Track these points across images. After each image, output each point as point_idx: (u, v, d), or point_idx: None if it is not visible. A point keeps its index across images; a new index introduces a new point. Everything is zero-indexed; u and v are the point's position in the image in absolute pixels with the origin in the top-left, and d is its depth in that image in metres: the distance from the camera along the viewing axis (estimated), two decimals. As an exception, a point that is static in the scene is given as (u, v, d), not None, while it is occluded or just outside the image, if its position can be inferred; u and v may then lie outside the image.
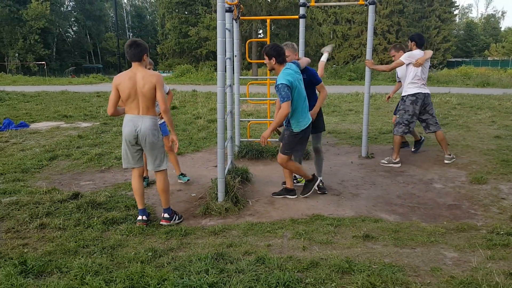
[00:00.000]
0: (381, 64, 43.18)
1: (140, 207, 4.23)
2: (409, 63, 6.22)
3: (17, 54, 49.30)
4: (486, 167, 6.06)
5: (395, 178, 5.81)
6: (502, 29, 78.07)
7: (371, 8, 6.22)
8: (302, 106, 4.64)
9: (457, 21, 75.17)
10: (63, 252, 3.47)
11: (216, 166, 5.15)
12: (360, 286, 2.81)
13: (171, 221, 4.23)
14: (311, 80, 4.97)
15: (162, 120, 5.18)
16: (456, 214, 4.53)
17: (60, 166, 6.43)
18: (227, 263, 3.17)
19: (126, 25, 72.78)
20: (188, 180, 5.70)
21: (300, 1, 6.40)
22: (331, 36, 53.90)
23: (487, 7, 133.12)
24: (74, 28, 64.79)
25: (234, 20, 6.21)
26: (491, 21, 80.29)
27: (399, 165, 6.32)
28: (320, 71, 5.61)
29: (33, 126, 9.73)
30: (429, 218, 4.44)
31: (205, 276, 2.86)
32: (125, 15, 72.37)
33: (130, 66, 4.11)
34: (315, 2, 6.56)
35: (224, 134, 4.76)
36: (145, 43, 4.12)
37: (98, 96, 15.77)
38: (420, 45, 6.32)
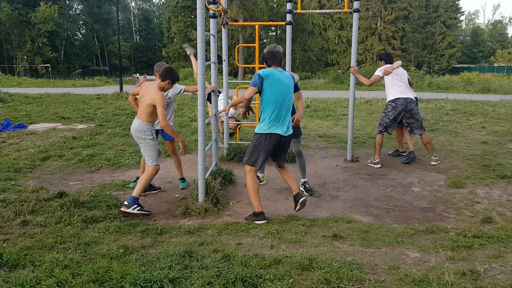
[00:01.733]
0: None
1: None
2: (383, 75, 6.67)
3: (25, 57, 49.88)
4: (466, 172, 6.15)
5: (376, 181, 5.93)
6: (509, 35, 77.89)
7: (355, 15, 6.36)
8: (275, 110, 4.33)
9: (463, 27, 75.01)
10: (40, 247, 3.62)
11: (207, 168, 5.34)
12: (315, 282, 2.94)
13: (128, 209, 4.50)
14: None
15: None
16: (428, 216, 4.65)
17: (52, 167, 6.60)
18: (193, 260, 3.30)
19: (133, 28, 73.38)
20: (183, 188, 5.65)
21: (287, 8, 6.55)
22: (336, 41, 54.05)
23: (494, 13, 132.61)
24: (82, 31, 65.45)
25: (222, 26, 6.37)
26: (498, 27, 79.97)
27: (379, 165, 6.52)
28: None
29: (31, 127, 9.95)
30: (402, 220, 4.56)
31: (167, 272, 3.00)
32: (132, 18, 73.01)
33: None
34: (302, 9, 6.71)
35: (206, 136, 4.91)
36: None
37: (98, 98, 16.04)
38: (389, 63, 6.78)
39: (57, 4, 50.40)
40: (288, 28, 6.57)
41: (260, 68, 6.83)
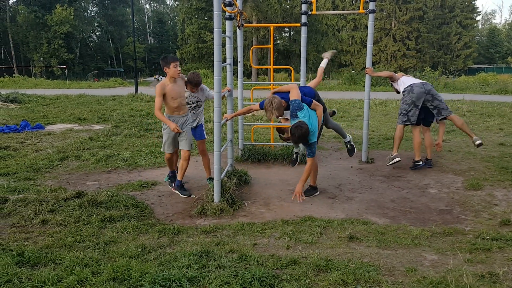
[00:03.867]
0: (401, 71, 43.14)
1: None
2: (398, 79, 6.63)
3: (41, 58, 50.61)
4: (484, 174, 6.08)
5: (392, 182, 5.90)
6: (527, 35, 76.33)
7: (371, 16, 6.34)
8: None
9: (480, 28, 74.03)
10: (60, 246, 3.69)
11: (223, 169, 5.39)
12: (332, 283, 2.94)
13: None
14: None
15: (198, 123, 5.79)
16: (446, 218, 4.61)
17: (70, 167, 6.70)
18: (210, 260, 3.33)
19: (148, 30, 73.99)
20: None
21: (302, 9, 6.55)
22: (350, 42, 53.77)
23: (511, 13, 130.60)
24: (97, 33, 66.17)
25: (237, 27, 6.41)
26: (515, 27, 78.61)
27: (398, 159, 6.27)
28: (318, 78, 5.81)
29: (49, 128, 10.10)
30: (419, 222, 4.53)
31: (185, 271, 3.03)
32: (146, 20, 73.62)
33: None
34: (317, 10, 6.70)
35: (221, 137, 4.95)
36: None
37: (113, 99, 16.20)
38: None
39: (73, 7, 51.04)
40: (303, 30, 6.57)
41: (275, 69, 6.85)
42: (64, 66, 40.54)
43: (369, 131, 9.55)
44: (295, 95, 4.96)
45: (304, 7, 6.52)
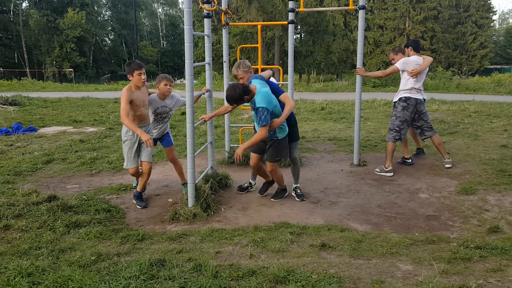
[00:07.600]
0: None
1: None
2: (404, 70, 6.09)
3: (54, 62, 51.16)
4: (480, 177, 5.74)
5: (382, 186, 5.60)
6: (545, 34, 74.53)
7: (361, 13, 6.07)
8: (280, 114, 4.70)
9: (496, 27, 72.69)
10: (13, 253, 3.51)
11: (202, 172, 5.19)
12: (286, 297, 2.70)
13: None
14: (274, 91, 4.76)
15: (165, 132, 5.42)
16: (432, 225, 4.33)
17: (53, 170, 6.56)
18: (161, 270, 3.11)
19: (161, 34, 74.38)
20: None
21: (289, 6, 6.31)
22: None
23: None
24: (110, 37, 66.75)
25: (222, 27, 6.22)
26: (533, 26, 76.88)
27: (392, 174, 6.05)
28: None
29: (42, 130, 9.99)
30: (403, 228, 4.26)
31: (129, 282, 2.82)
32: (159, 24, 74.04)
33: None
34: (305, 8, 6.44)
35: (194, 138, 4.74)
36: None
37: (115, 102, 16.08)
38: (417, 50, 6.18)
39: (85, 11, 51.52)
40: (290, 28, 6.32)
41: (263, 68, 6.61)
42: (71, 69, 40.83)
43: (368, 132, 9.29)
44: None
45: (291, 4, 6.27)
